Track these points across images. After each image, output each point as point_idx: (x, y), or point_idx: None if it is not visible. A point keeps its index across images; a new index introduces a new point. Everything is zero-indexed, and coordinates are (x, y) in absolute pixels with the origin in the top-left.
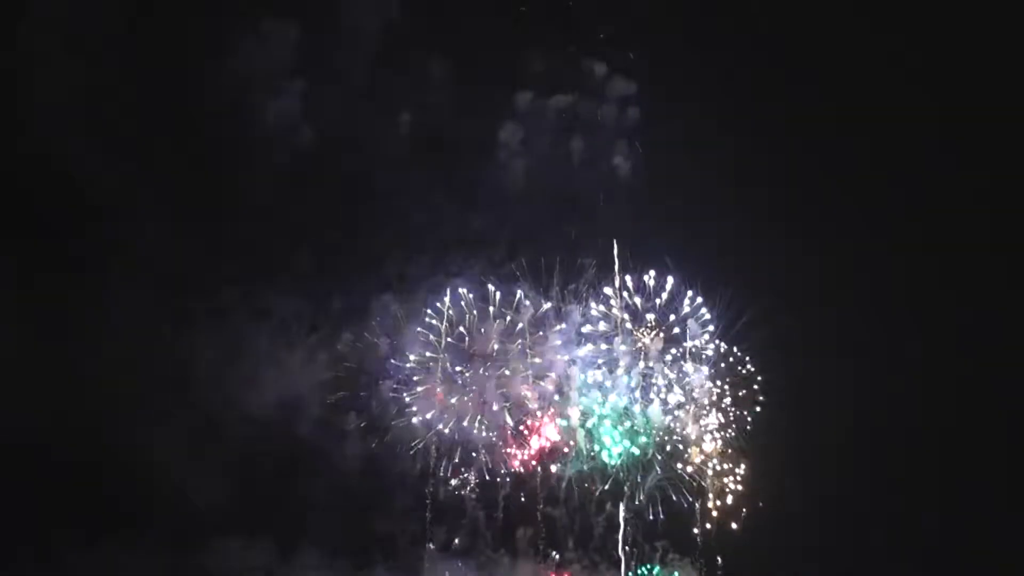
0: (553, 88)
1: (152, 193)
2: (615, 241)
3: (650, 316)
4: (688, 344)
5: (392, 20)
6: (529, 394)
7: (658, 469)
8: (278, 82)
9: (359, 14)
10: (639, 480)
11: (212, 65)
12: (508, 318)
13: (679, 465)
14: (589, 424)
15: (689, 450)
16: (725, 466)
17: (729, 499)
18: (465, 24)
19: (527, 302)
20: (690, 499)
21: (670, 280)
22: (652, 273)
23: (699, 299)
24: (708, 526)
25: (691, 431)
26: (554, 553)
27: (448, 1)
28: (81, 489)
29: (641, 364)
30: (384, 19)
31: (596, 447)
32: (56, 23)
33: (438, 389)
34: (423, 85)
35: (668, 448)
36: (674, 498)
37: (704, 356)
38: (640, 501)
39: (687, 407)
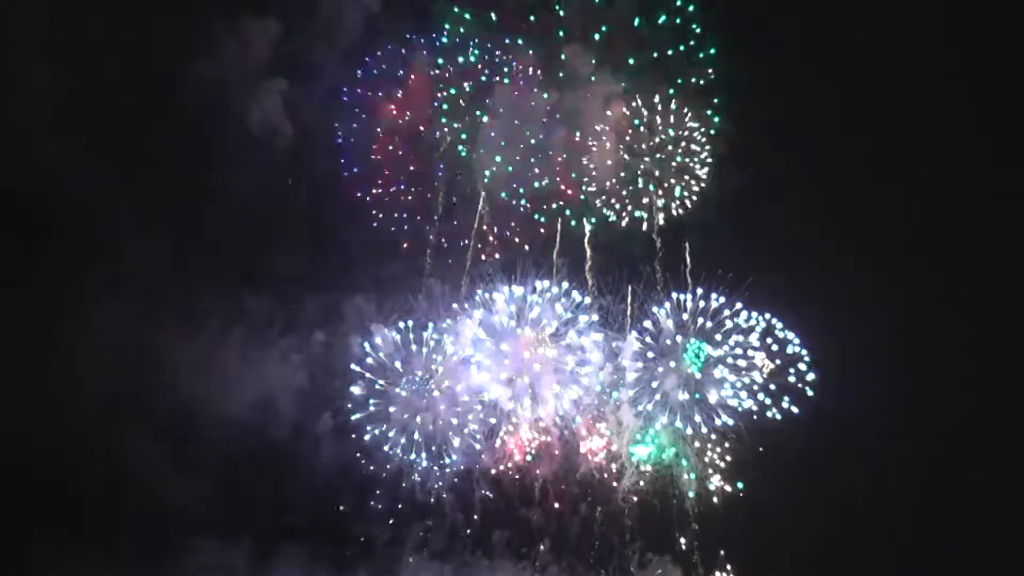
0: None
1: (127, 195)
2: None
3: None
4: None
5: (370, 19)
6: (503, 394)
7: (632, 470)
8: (254, 83)
9: (337, 13)
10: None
11: (187, 66)
12: (481, 319)
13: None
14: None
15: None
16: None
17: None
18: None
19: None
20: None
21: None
22: None
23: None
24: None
25: (665, 433)
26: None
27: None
28: (57, 492)
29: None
30: (362, 18)
31: None
32: (32, 25)
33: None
34: (401, 85)
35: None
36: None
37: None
38: (623, 502)
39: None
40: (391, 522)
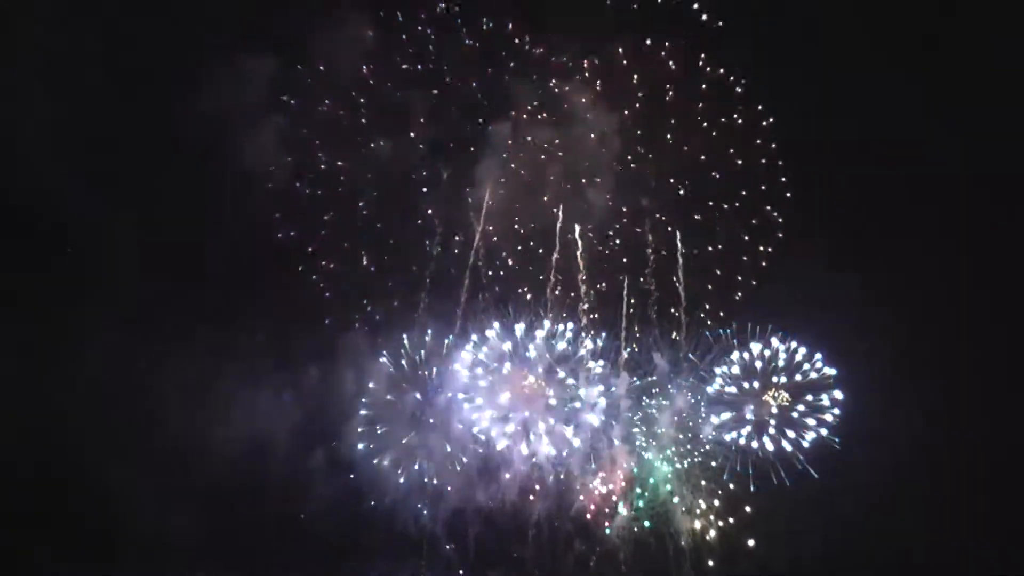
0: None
1: (125, 229)
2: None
3: None
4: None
5: (366, 56)
6: (497, 431)
7: (624, 512)
8: (252, 119)
9: (333, 51)
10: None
11: (187, 102)
12: (474, 355)
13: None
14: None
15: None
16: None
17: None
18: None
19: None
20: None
21: None
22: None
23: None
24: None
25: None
26: None
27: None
28: (52, 523)
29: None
30: (358, 56)
31: None
32: (33, 58)
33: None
34: (397, 120)
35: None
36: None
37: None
38: (618, 539)
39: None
40: (386, 558)
